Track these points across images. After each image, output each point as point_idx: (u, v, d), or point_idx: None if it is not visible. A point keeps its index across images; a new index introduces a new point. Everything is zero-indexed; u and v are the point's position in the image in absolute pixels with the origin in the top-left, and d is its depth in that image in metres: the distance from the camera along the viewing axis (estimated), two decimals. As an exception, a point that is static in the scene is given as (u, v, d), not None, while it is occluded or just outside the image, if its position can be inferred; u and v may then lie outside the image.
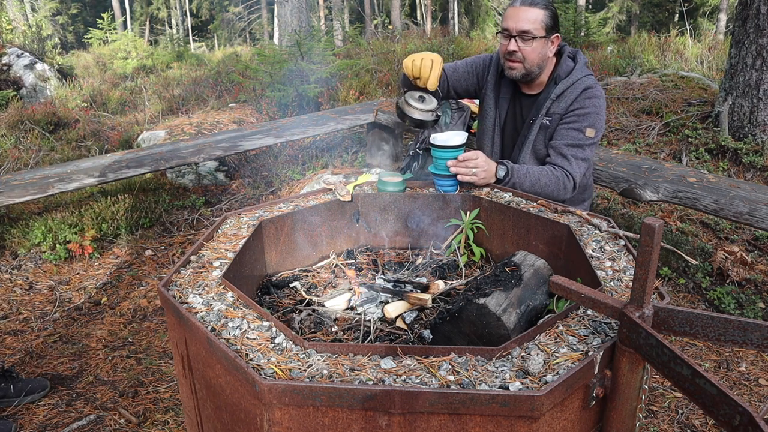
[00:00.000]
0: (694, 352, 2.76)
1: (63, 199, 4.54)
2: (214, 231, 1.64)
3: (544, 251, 1.64)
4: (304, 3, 8.58)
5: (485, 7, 22.70)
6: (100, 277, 3.63)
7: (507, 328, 1.19)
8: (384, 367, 1.02)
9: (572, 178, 2.11)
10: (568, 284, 1.11)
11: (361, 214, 1.91)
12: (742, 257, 3.30)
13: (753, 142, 4.52)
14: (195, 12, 28.74)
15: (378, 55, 8.48)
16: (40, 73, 8.47)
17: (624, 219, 4.00)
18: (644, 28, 17.18)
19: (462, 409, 0.93)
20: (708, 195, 2.84)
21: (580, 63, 2.19)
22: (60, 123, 6.90)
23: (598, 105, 2.13)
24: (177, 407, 2.41)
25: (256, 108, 6.87)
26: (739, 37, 4.51)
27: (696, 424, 2.28)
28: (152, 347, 2.89)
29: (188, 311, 1.19)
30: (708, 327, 0.96)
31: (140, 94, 8.44)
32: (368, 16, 19.47)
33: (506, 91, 2.31)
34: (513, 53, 2.11)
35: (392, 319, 1.44)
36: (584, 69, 2.18)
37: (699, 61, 7.20)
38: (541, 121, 2.19)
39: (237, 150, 4.08)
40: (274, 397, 0.96)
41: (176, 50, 13.51)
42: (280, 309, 1.53)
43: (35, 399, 2.47)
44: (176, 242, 4.13)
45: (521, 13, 2.07)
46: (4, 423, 2.27)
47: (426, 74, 1.95)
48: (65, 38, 24.37)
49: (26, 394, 2.44)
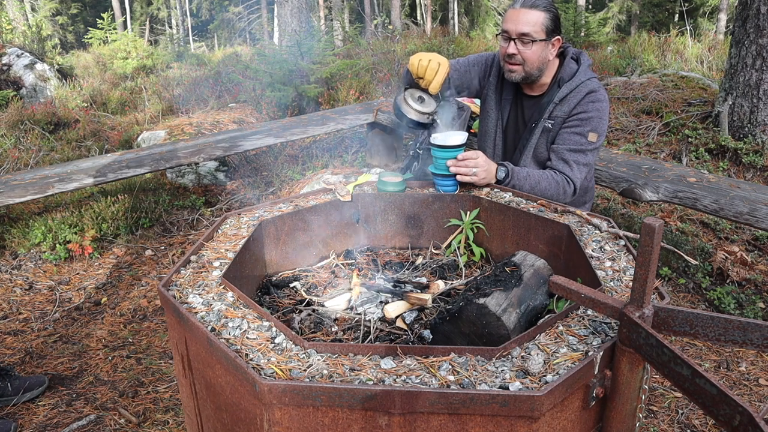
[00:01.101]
0: (694, 352, 2.76)
1: (63, 199, 4.54)
2: (214, 231, 1.64)
3: (544, 251, 1.64)
4: (304, 3, 8.57)
5: (485, 7, 22.69)
6: (100, 277, 3.63)
7: (507, 328, 1.19)
8: (384, 367, 1.02)
9: (573, 184, 2.10)
10: (568, 284, 1.11)
11: (361, 214, 1.91)
12: (742, 257, 3.30)
13: (753, 142, 4.52)
14: (195, 12, 28.74)
15: (378, 55, 8.48)
16: (40, 73, 8.47)
17: (624, 219, 4.00)
18: (644, 28, 17.16)
19: (462, 409, 0.93)
20: (708, 195, 2.84)
21: (583, 65, 2.16)
22: (60, 123, 6.90)
23: (601, 109, 2.10)
24: (177, 407, 2.41)
25: (256, 108, 6.87)
26: (739, 37, 4.51)
27: (696, 424, 2.28)
28: (152, 347, 2.89)
29: (188, 311, 1.19)
30: (708, 327, 0.96)
31: (140, 94, 8.44)
32: (368, 16, 19.46)
33: (508, 92, 2.29)
34: (512, 56, 2.09)
35: (392, 319, 1.44)
36: (588, 71, 2.16)
37: (699, 61, 7.20)
38: (543, 124, 2.17)
39: (237, 150, 4.08)
40: (274, 397, 0.96)
41: (176, 50, 13.51)
42: (280, 309, 1.53)
43: (34, 396, 2.47)
44: (176, 242, 4.13)
45: (521, 15, 2.04)
46: (3, 423, 2.26)
47: (430, 77, 1.93)
48: (65, 38, 24.36)
49: (24, 391, 2.44)
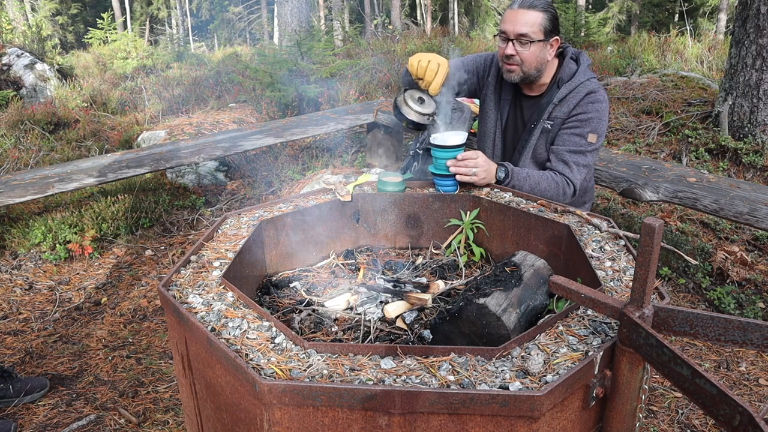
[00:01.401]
0: (694, 352, 2.76)
1: (63, 199, 4.54)
2: (214, 231, 1.64)
3: (544, 251, 1.64)
4: (304, 3, 8.57)
5: (485, 7, 22.70)
6: (100, 277, 3.63)
7: (507, 328, 1.19)
8: (384, 367, 1.02)
9: (572, 185, 2.10)
10: (568, 284, 1.11)
11: (361, 214, 1.91)
12: (742, 257, 3.30)
13: (753, 142, 4.52)
14: (195, 12, 28.74)
15: (378, 55, 8.48)
16: (40, 73, 8.46)
17: (624, 219, 4.00)
18: (644, 28, 17.16)
19: (462, 409, 0.93)
20: (708, 195, 2.84)
21: (583, 65, 2.16)
22: (60, 123, 6.90)
23: (600, 110, 2.10)
24: (177, 407, 2.41)
25: (256, 108, 6.87)
26: (739, 37, 4.51)
27: (696, 424, 2.28)
28: (152, 347, 2.89)
29: (188, 311, 1.19)
30: (708, 327, 0.96)
31: (140, 94, 8.44)
32: (368, 16, 19.47)
33: (507, 93, 2.28)
34: (510, 57, 2.08)
35: (392, 319, 1.44)
36: (587, 72, 2.15)
37: (699, 61, 7.20)
38: (542, 125, 2.16)
39: (237, 150, 4.08)
40: (274, 397, 0.96)
41: (176, 50, 13.51)
42: (280, 309, 1.53)
43: (35, 399, 2.47)
44: (176, 242, 4.13)
45: (519, 15, 2.03)
46: (3, 423, 2.26)
47: (430, 78, 1.92)
48: (65, 38, 24.35)
49: (25, 393, 2.44)
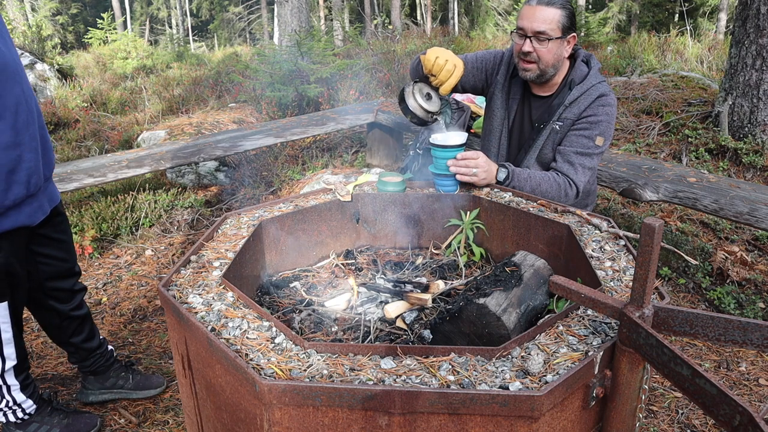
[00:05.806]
0: (694, 352, 2.76)
1: (63, 199, 4.54)
2: (214, 231, 1.64)
3: (544, 251, 1.64)
4: (304, 3, 8.58)
5: (485, 7, 22.71)
6: (100, 277, 3.63)
7: (507, 328, 1.19)
8: (384, 367, 1.02)
9: (575, 187, 2.08)
10: (568, 284, 1.11)
11: (361, 214, 1.91)
12: (742, 257, 3.30)
13: (753, 142, 4.52)
14: (195, 12, 28.75)
15: (378, 55, 8.48)
16: (40, 73, 8.47)
17: (624, 219, 4.00)
18: (644, 28, 17.18)
19: (462, 409, 0.93)
20: (708, 195, 2.84)
21: (594, 69, 2.15)
22: (60, 123, 6.90)
23: (610, 113, 2.09)
24: (177, 407, 2.41)
25: (256, 108, 6.87)
26: (739, 37, 4.51)
27: (696, 424, 2.28)
28: (152, 347, 2.89)
29: (188, 311, 1.19)
30: (708, 327, 0.96)
31: (140, 94, 8.44)
32: (368, 16, 19.47)
33: (516, 92, 2.25)
34: (528, 54, 2.04)
35: (392, 319, 1.44)
36: (598, 75, 2.14)
37: (699, 61, 7.20)
38: (552, 126, 2.14)
39: (237, 150, 4.08)
40: (274, 397, 0.96)
41: (176, 50, 13.52)
42: (280, 309, 1.53)
43: (149, 396, 2.45)
44: (176, 242, 4.13)
45: (537, 12, 1.99)
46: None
47: (445, 78, 1.91)
48: (65, 38, 24.35)
49: (142, 389, 2.44)
